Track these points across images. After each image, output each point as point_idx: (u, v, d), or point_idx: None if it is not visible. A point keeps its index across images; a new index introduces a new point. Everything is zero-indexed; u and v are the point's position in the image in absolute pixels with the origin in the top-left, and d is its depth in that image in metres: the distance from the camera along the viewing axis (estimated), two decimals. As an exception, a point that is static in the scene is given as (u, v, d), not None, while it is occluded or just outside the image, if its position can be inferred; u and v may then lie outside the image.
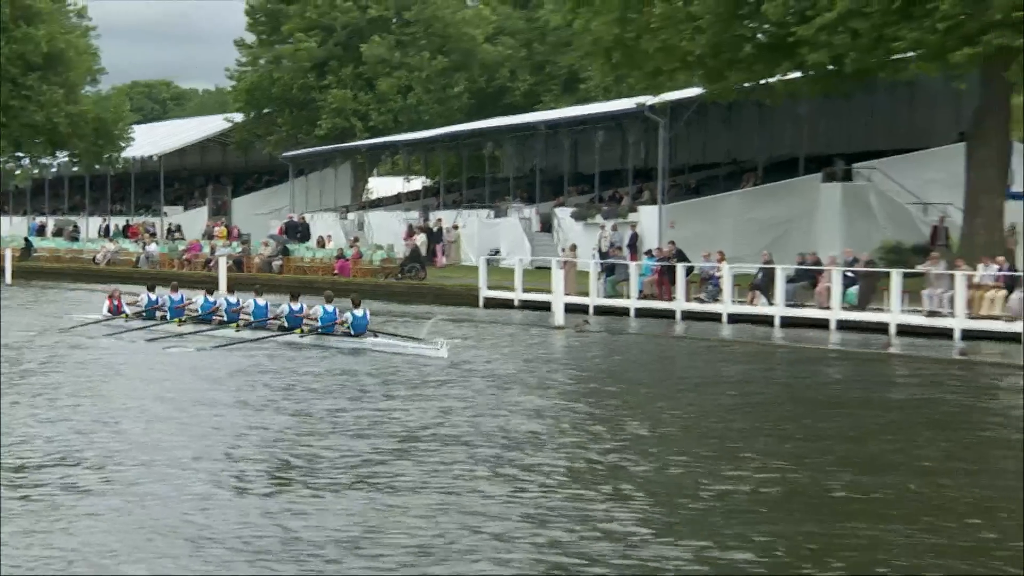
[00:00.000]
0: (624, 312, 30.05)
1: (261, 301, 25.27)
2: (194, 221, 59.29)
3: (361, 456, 12.69)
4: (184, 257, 47.81)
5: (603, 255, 34.59)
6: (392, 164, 62.44)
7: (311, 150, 56.65)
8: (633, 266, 31.50)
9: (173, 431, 14.10)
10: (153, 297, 26.90)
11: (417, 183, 59.42)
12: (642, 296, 30.57)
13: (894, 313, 25.70)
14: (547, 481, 11.56)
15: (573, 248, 35.74)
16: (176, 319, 25.85)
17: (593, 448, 13.35)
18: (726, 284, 28.70)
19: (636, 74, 33.82)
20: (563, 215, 41.52)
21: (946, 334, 24.46)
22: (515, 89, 59.64)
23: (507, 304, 32.28)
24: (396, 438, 13.72)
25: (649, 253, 33.00)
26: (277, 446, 13.30)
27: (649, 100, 36.63)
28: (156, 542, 9.49)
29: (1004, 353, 22.42)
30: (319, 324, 23.40)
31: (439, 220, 46.24)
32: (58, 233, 60.13)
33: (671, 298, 29.83)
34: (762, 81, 31.80)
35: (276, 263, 44.02)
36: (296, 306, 24.08)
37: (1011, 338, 23.59)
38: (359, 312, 23.16)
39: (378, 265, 41.22)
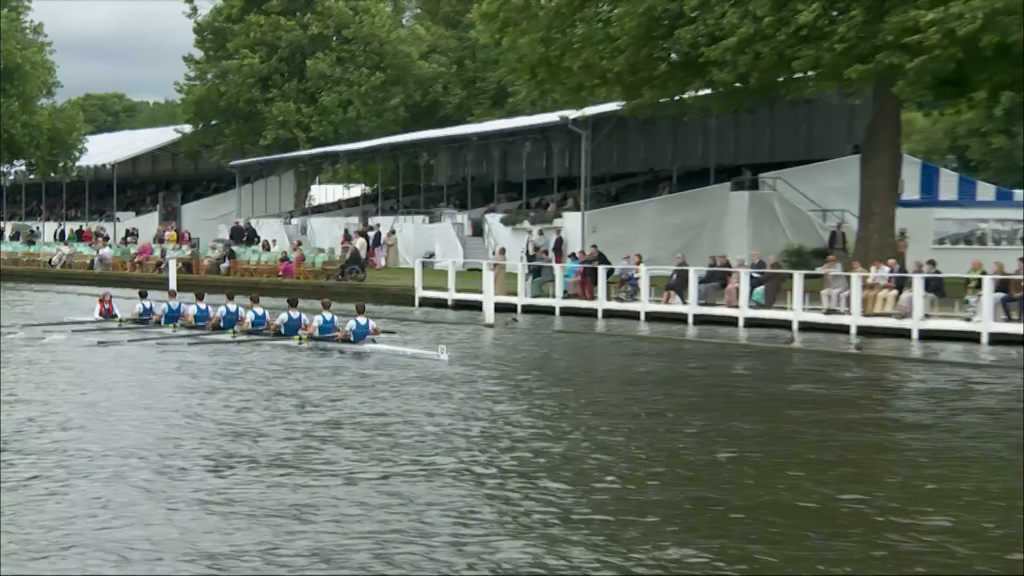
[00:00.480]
0: (550, 311, 30.17)
1: (259, 310, 23.47)
2: (146, 226, 58.52)
3: (285, 442, 12.64)
4: (136, 260, 47.19)
5: (530, 258, 34.69)
6: (333, 172, 62.08)
7: (256, 159, 56.13)
8: (558, 268, 31.65)
9: (131, 420, 13.96)
10: (147, 305, 25.34)
11: (356, 190, 59.15)
12: (566, 296, 30.72)
13: (796, 311, 26.07)
14: (475, 463, 11.62)
15: (502, 251, 35.82)
16: (171, 324, 24.32)
17: (510, 432, 13.40)
18: (644, 285, 28.92)
19: (560, 89, 33.94)
20: (493, 220, 41.57)
21: (843, 330, 24.89)
22: (448, 103, 59.59)
23: (441, 304, 32.25)
24: (324, 426, 13.71)
25: (573, 256, 33.16)
26: (213, 437, 13.24)
27: (572, 114, 36.80)
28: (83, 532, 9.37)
29: (896, 348, 22.94)
30: (317, 332, 21.95)
31: (377, 225, 46.08)
32: (15, 237, 59.03)
33: (593, 298, 30.01)
34: (675, 97, 32.07)
35: (223, 265, 43.61)
36: (295, 314, 22.46)
37: (901, 334, 24.16)
38: (362, 320, 21.71)
39: (320, 267, 40.98)
